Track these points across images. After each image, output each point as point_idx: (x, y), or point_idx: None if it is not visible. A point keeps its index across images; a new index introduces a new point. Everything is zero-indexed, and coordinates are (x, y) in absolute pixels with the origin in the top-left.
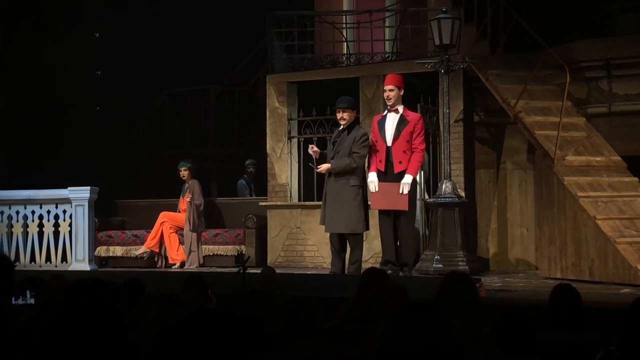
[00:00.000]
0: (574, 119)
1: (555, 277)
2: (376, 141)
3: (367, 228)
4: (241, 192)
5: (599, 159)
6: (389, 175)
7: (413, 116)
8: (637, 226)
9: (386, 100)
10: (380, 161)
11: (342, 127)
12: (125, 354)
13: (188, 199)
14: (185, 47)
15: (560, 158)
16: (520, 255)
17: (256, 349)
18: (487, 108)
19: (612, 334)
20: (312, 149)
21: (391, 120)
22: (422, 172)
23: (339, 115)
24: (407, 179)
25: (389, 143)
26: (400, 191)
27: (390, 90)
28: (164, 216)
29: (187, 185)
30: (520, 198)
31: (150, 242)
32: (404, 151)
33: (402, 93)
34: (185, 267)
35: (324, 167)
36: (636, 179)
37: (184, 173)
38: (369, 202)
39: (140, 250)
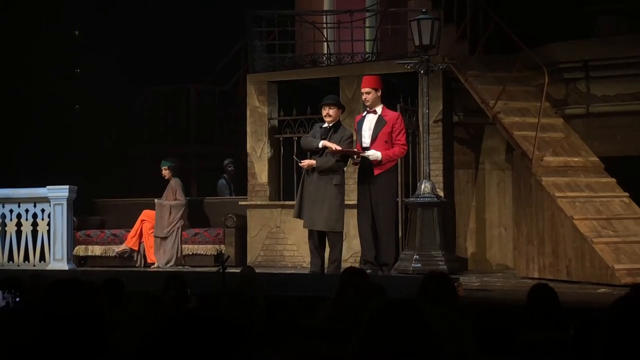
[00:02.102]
0: (552, 120)
1: (533, 276)
2: (355, 141)
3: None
4: (221, 191)
5: (576, 159)
6: (369, 176)
7: (391, 115)
8: (614, 226)
9: (364, 103)
10: (357, 162)
11: (326, 124)
12: (106, 354)
13: (159, 200)
14: (166, 45)
15: (538, 158)
16: (498, 254)
17: (239, 348)
18: (466, 108)
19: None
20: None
21: (369, 121)
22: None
23: (324, 112)
24: (374, 154)
25: (367, 144)
26: (364, 154)
27: (367, 93)
28: (144, 215)
29: (168, 185)
30: (498, 198)
31: (130, 240)
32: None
33: (379, 94)
34: (162, 262)
35: (307, 162)
36: (613, 179)
37: (164, 172)
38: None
39: (121, 247)
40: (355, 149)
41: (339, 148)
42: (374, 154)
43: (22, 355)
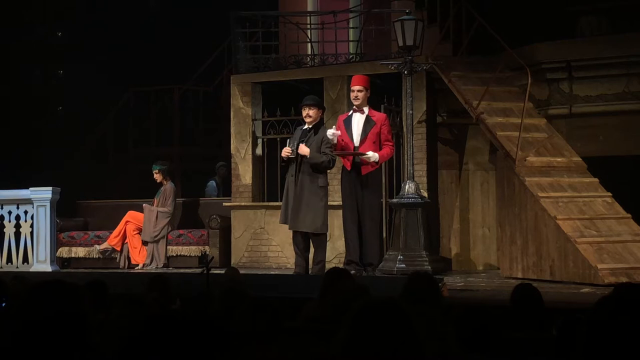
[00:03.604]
0: (535, 120)
1: (517, 276)
2: (342, 140)
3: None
4: (209, 193)
5: (559, 159)
6: (357, 176)
7: (379, 117)
8: (597, 226)
9: (354, 101)
10: (348, 160)
11: (306, 126)
12: (89, 356)
13: (148, 205)
14: (150, 46)
15: (521, 159)
16: (482, 255)
17: (221, 349)
18: (450, 109)
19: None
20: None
21: (357, 121)
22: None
23: (304, 113)
24: (374, 155)
25: (356, 144)
26: (365, 155)
27: (359, 91)
28: (129, 216)
29: (162, 188)
30: (482, 198)
31: (113, 240)
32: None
33: (368, 94)
34: (146, 265)
35: (303, 148)
36: (596, 179)
37: (156, 176)
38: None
39: (102, 246)
40: (355, 151)
41: (305, 150)
42: (373, 156)
43: (4, 357)
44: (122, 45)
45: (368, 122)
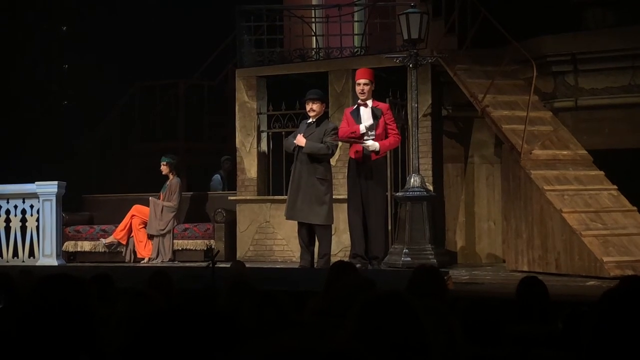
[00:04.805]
0: (540, 113)
1: (522, 269)
2: (352, 132)
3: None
4: (215, 187)
5: (565, 152)
6: (366, 165)
7: (382, 106)
8: (603, 219)
9: (359, 94)
10: (357, 151)
11: (310, 120)
12: (95, 349)
13: (155, 199)
14: (154, 40)
15: (527, 152)
16: (487, 248)
17: (228, 343)
18: (455, 102)
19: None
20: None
21: (364, 114)
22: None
23: (308, 107)
24: (373, 145)
25: (369, 136)
26: (364, 144)
27: (365, 84)
28: (135, 210)
29: (167, 182)
30: (487, 191)
31: (118, 234)
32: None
33: (373, 87)
34: (152, 259)
35: (300, 139)
36: (602, 172)
37: (163, 168)
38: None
39: (108, 239)
40: (353, 137)
41: (302, 140)
42: (373, 145)
43: (10, 350)
44: (126, 41)
45: (375, 113)
